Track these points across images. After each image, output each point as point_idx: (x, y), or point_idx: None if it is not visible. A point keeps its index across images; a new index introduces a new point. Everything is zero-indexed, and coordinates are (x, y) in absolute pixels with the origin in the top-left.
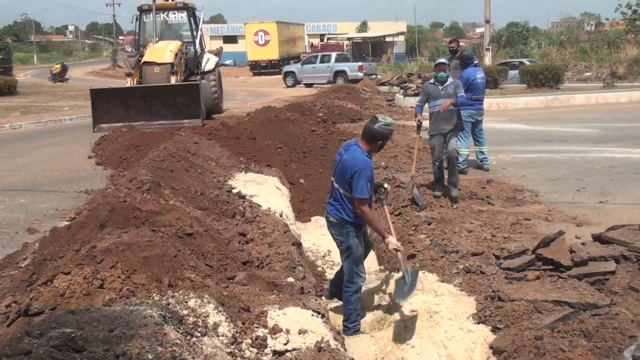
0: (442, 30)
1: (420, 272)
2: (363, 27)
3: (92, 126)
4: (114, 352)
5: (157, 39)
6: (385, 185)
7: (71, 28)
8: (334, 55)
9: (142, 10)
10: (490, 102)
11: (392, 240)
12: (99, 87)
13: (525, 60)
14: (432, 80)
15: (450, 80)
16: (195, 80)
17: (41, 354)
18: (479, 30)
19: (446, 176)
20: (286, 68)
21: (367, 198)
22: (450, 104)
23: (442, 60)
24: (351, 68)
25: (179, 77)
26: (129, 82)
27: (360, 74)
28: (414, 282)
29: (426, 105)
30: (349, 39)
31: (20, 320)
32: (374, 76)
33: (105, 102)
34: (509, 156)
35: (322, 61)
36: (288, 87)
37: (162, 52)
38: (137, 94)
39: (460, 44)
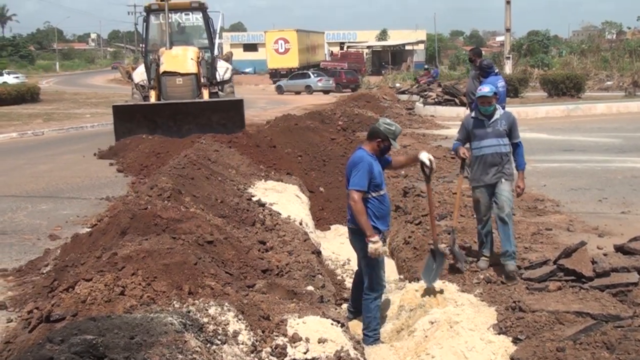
0: (462, 38)
1: (439, 283)
2: (383, 35)
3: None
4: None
5: (170, 44)
6: (426, 161)
7: (93, 36)
8: (311, 72)
9: (151, 11)
10: (510, 111)
11: (375, 244)
12: (122, 103)
13: None
14: (473, 114)
15: (499, 112)
16: (215, 92)
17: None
18: (499, 38)
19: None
20: (278, 82)
21: (360, 190)
22: (522, 183)
23: (485, 92)
24: (312, 83)
25: (204, 92)
26: (153, 96)
27: (320, 84)
28: (439, 268)
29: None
30: (368, 47)
31: (42, 326)
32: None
33: (127, 121)
34: (530, 165)
35: (302, 77)
36: (278, 94)
37: (183, 60)
38: (166, 112)
39: (483, 53)
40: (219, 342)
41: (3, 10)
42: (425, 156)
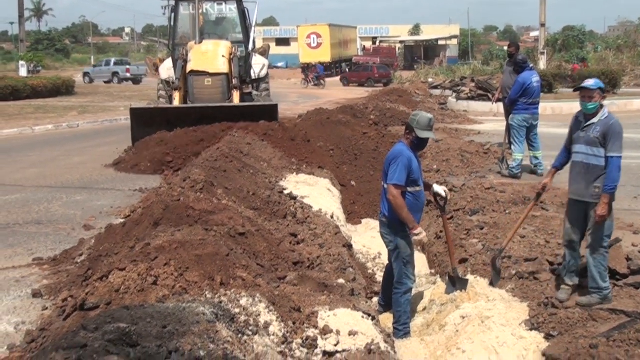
0: (496, 34)
1: (471, 278)
2: (416, 30)
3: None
4: (166, 348)
5: (200, 37)
6: (442, 192)
7: (127, 30)
8: (113, 60)
9: None
10: (545, 106)
11: (419, 235)
12: (141, 106)
13: None
14: (578, 112)
15: (601, 115)
16: (250, 92)
17: (96, 348)
18: (533, 34)
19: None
20: (84, 70)
21: (399, 185)
22: (602, 209)
23: (588, 82)
24: (121, 70)
25: (240, 93)
26: (177, 98)
27: (128, 74)
28: (462, 289)
29: None
30: (401, 42)
31: (76, 314)
32: (142, 76)
33: (147, 125)
34: None
35: (106, 64)
36: (86, 83)
37: (213, 57)
38: (191, 116)
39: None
40: (250, 333)
41: (39, 4)
42: (439, 188)
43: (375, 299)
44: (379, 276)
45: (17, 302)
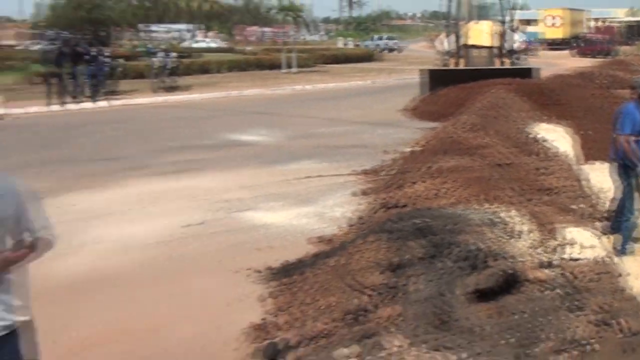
0: None
1: None
2: (635, 12)
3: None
4: (449, 240)
5: (471, 19)
6: None
7: (418, 15)
8: (384, 36)
9: None
10: None
11: None
12: (435, 67)
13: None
14: None
15: None
16: (512, 61)
17: (401, 234)
18: None
19: None
20: (361, 42)
21: (624, 134)
22: None
23: None
24: (388, 43)
25: (505, 61)
26: (455, 63)
27: (395, 46)
28: None
29: None
30: (624, 22)
31: (392, 209)
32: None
33: (435, 82)
34: None
35: (378, 39)
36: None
37: (483, 33)
38: (467, 76)
39: None
40: (509, 237)
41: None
42: None
43: (599, 223)
44: (606, 207)
45: (342, 199)
